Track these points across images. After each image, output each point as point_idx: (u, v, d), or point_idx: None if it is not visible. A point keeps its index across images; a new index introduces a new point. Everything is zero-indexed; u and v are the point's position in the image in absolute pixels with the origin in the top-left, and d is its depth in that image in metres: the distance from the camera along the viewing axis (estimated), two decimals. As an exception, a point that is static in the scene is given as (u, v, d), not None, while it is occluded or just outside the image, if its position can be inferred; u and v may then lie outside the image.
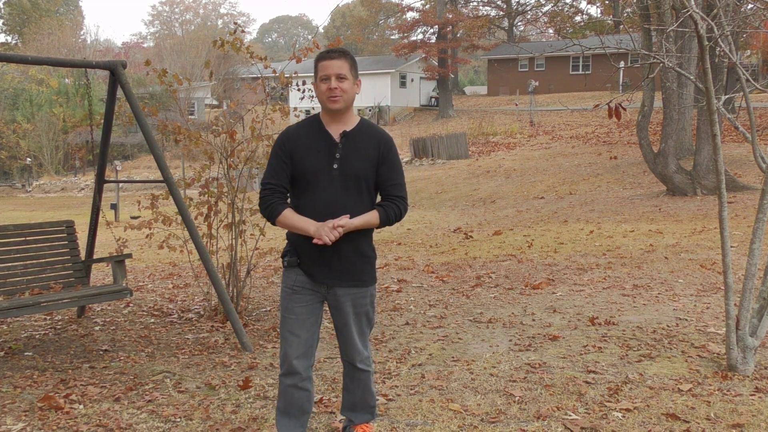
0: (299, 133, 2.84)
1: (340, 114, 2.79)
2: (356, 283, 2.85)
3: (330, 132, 2.80)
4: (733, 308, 3.81)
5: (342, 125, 2.81)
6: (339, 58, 2.73)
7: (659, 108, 15.13)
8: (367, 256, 2.87)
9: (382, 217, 2.78)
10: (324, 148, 2.78)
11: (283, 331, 2.87)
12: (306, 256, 2.82)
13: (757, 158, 3.97)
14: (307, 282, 2.84)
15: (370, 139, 2.82)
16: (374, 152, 2.80)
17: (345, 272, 2.82)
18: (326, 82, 2.74)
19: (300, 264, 2.84)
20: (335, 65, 2.72)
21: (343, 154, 2.77)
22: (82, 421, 3.42)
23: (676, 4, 11.98)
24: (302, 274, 2.84)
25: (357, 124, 2.84)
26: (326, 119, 2.83)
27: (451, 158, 27.30)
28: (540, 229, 11.52)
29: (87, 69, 5.13)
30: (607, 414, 3.31)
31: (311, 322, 2.86)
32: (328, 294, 2.87)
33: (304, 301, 2.84)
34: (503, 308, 5.74)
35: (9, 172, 40.51)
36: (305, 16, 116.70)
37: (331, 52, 2.75)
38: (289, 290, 2.86)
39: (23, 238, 4.97)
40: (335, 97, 2.73)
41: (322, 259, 2.79)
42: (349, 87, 2.75)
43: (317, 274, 2.82)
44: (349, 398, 3.11)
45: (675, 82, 13.88)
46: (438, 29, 41.57)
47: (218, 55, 37.33)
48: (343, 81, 2.73)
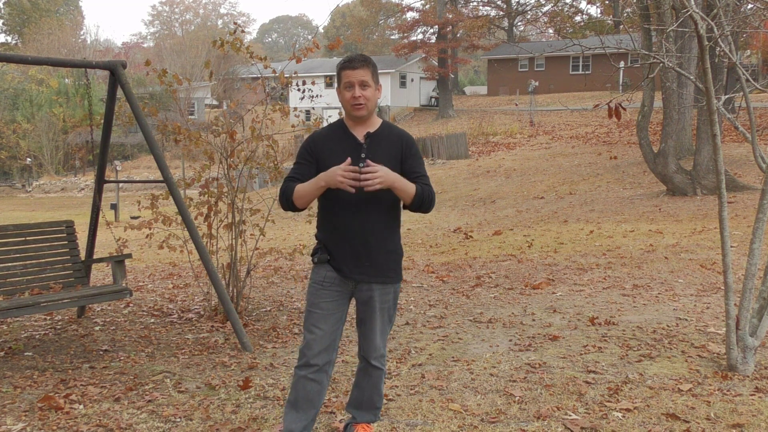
0: (325, 136, 2.93)
1: (363, 119, 2.87)
2: (383, 279, 2.91)
3: (355, 134, 2.88)
4: (733, 308, 3.81)
5: (366, 127, 2.90)
6: (362, 67, 2.80)
7: (659, 108, 15.14)
8: (394, 252, 2.94)
9: (417, 191, 2.80)
10: (349, 149, 2.85)
11: (307, 325, 2.92)
12: (336, 252, 2.88)
13: (757, 158, 3.97)
14: (336, 278, 2.89)
15: (393, 138, 2.90)
16: (397, 150, 2.87)
17: (373, 268, 2.88)
18: (350, 90, 2.81)
19: (330, 260, 2.89)
20: (359, 74, 2.79)
21: (368, 154, 2.83)
22: (82, 421, 3.42)
23: (676, 4, 11.98)
24: (332, 270, 2.90)
25: (380, 126, 2.92)
26: (350, 123, 2.91)
27: (451, 158, 27.31)
28: (540, 229, 11.52)
29: (87, 69, 5.13)
30: (607, 414, 3.31)
31: (336, 318, 2.92)
32: (355, 289, 2.92)
33: (331, 296, 2.90)
34: (503, 308, 5.74)
35: (9, 172, 40.54)
36: (305, 16, 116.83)
37: (354, 61, 2.81)
38: (318, 285, 2.91)
39: (23, 238, 4.97)
40: (359, 104, 2.81)
41: (351, 256, 2.86)
42: (371, 94, 2.83)
43: (346, 270, 2.88)
44: (357, 395, 3.16)
45: (675, 82, 13.88)
46: (438, 29, 41.56)
47: (218, 55, 37.35)
48: (366, 89, 2.81)
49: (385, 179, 2.68)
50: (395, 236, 2.95)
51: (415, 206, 2.83)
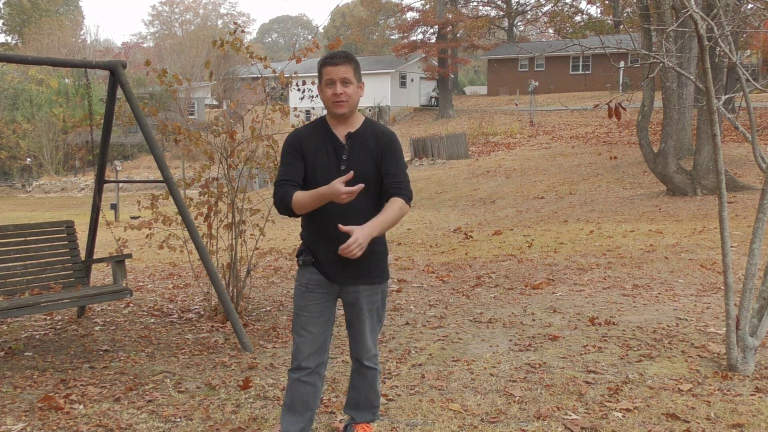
0: (307, 134, 2.88)
1: (345, 117, 2.84)
2: (369, 280, 2.89)
3: (336, 134, 2.85)
4: (733, 308, 3.81)
5: (347, 126, 2.85)
6: (343, 64, 2.75)
7: (659, 108, 15.14)
8: (379, 252, 2.90)
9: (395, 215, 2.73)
10: (331, 151, 2.82)
11: (296, 328, 2.91)
12: (320, 255, 2.86)
13: (757, 158, 3.97)
14: (322, 280, 2.87)
15: (373, 136, 2.85)
16: (375, 148, 2.82)
17: (359, 270, 2.85)
18: (331, 87, 2.76)
19: (314, 263, 2.87)
20: (340, 70, 2.74)
21: (350, 156, 2.80)
22: (82, 421, 3.42)
23: (676, 4, 11.98)
24: (316, 273, 2.87)
25: (361, 125, 2.88)
26: (332, 121, 2.87)
27: (451, 158, 27.30)
28: (540, 229, 11.52)
29: (87, 69, 5.13)
30: (607, 414, 3.31)
31: (324, 320, 2.90)
32: (341, 291, 2.91)
33: (318, 299, 2.88)
34: (503, 308, 5.74)
35: (9, 172, 40.55)
36: (305, 16, 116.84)
37: (335, 57, 2.76)
38: (303, 288, 2.89)
39: (23, 239, 4.97)
40: (340, 102, 2.76)
41: (336, 258, 2.79)
42: (353, 91, 2.79)
43: (331, 273, 2.85)
44: (354, 396, 3.15)
45: (675, 82, 13.88)
46: (438, 29, 41.56)
47: (218, 55, 37.34)
48: (348, 86, 2.77)
49: (363, 244, 2.58)
50: (380, 236, 2.85)
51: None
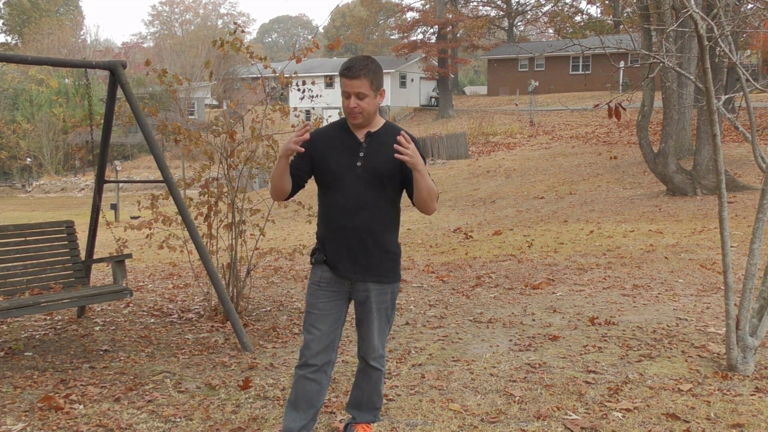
0: (325, 133, 2.93)
1: (362, 125, 2.88)
2: (379, 279, 2.90)
3: (355, 133, 2.89)
4: (733, 308, 3.81)
5: (367, 128, 2.90)
6: (360, 77, 2.75)
7: (659, 108, 15.14)
8: (391, 252, 2.92)
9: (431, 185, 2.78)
10: (348, 148, 2.86)
11: (306, 325, 2.93)
12: (332, 250, 2.89)
13: (757, 158, 3.97)
14: (332, 278, 2.90)
15: (394, 138, 2.85)
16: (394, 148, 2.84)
17: (369, 267, 2.87)
18: (347, 99, 2.81)
19: (326, 260, 2.90)
20: (355, 84, 2.76)
21: (367, 153, 2.84)
22: (82, 421, 3.42)
23: (676, 4, 11.98)
24: (327, 271, 2.91)
25: (382, 126, 2.92)
26: (351, 124, 2.91)
27: (451, 158, 27.30)
28: (540, 229, 11.52)
29: (87, 69, 5.13)
30: (607, 414, 3.31)
31: (333, 319, 2.92)
32: (352, 289, 2.92)
33: (328, 297, 2.91)
34: (503, 308, 5.74)
35: (9, 172, 40.54)
36: (305, 16, 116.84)
37: (353, 69, 2.76)
38: (315, 286, 2.93)
39: (23, 238, 4.97)
40: (355, 114, 2.81)
41: (347, 254, 2.86)
42: (368, 104, 2.80)
43: (341, 269, 2.88)
44: (356, 395, 3.17)
45: (675, 82, 13.88)
46: (438, 29, 41.55)
47: (218, 55, 37.33)
48: (363, 98, 2.80)
49: (413, 157, 2.66)
50: (393, 236, 2.93)
51: (423, 199, 2.78)
